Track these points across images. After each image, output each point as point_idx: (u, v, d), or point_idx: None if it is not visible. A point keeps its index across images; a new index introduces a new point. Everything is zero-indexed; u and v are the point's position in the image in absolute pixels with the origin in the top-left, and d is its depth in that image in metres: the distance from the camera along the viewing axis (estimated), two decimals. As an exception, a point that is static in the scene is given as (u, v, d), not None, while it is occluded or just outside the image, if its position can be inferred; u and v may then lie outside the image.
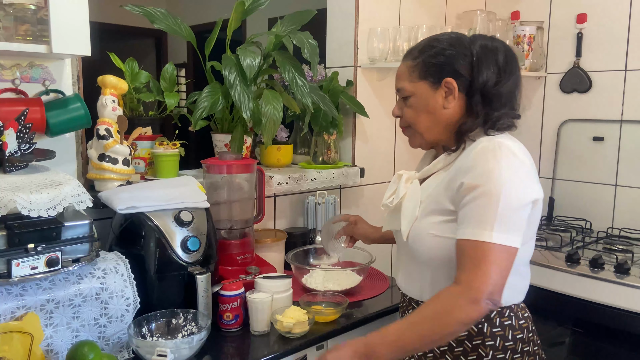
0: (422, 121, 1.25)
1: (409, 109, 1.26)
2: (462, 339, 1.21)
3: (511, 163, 1.10)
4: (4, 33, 1.32)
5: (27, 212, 1.10)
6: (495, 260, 1.06)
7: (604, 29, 2.37)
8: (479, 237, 1.07)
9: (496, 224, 1.07)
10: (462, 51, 1.20)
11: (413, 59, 1.24)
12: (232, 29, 1.78)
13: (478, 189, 1.09)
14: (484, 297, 1.04)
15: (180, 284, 1.39)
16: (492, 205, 1.07)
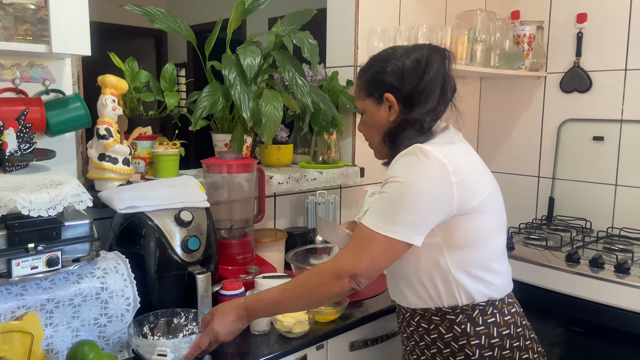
0: (373, 136, 1.34)
1: (363, 125, 1.35)
2: (448, 340, 1.24)
3: (422, 165, 1.15)
4: (4, 33, 1.32)
5: (27, 212, 1.10)
6: (372, 247, 1.15)
7: (604, 28, 2.37)
8: (368, 224, 1.16)
9: (388, 216, 1.14)
10: (395, 65, 1.26)
11: (359, 78, 1.33)
12: (232, 28, 1.78)
13: (387, 185, 1.18)
14: (347, 275, 1.14)
15: (180, 283, 1.39)
16: (391, 199, 1.15)
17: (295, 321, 1.40)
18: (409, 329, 1.32)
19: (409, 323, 1.31)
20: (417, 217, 1.14)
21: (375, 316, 1.59)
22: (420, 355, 1.30)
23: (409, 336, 1.33)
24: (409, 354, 1.34)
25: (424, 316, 1.27)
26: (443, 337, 1.25)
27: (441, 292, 1.23)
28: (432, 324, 1.26)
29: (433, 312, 1.26)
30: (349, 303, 1.56)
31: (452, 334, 1.24)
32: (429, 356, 1.28)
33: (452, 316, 1.24)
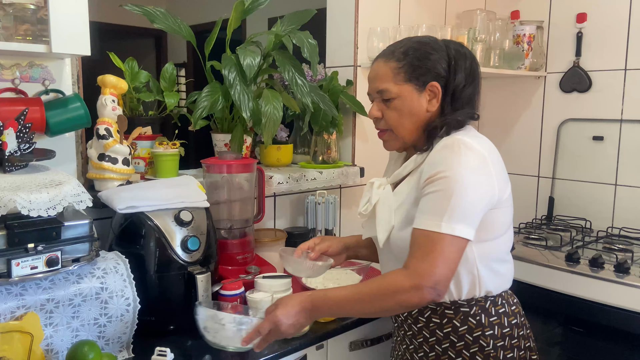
0: (405, 124, 1.26)
1: (393, 111, 1.26)
2: (463, 332, 1.24)
3: (467, 158, 1.14)
4: (4, 33, 1.32)
5: (27, 212, 1.10)
6: (443, 250, 1.10)
7: (603, 28, 2.37)
8: (430, 227, 1.12)
9: (446, 215, 1.11)
10: (442, 55, 1.25)
11: (397, 60, 1.24)
12: (232, 28, 1.78)
13: (435, 182, 1.14)
14: (428, 285, 1.09)
15: (180, 283, 1.39)
16: (445, 198, 1.12)
17: (295, 321, 1.40)
18: (416, 326, 1.29)
19: (417, 320, 1.29)
20: (472, 211, 1.13)
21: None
22: (429, 351, 1.27)
23: (415, 334, 1.30)
24: (413, 352, 1.31)
25: (435, 311, 1.26)
26: (457, 330, 1.24)
27: (463, 285, 1.22)
28: (445, 318, 1.25)
29: (447, 306, 1.25)
30: (348, 303, 1.56)
31: (467, 326, 1.23)
32: (440, 351, 1.26)
33: (467, 308, 1.24)
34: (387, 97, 1.25)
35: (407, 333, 1.34)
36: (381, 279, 1.16)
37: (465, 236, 1.12)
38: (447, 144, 1.18)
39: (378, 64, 1.27)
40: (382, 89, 1.25)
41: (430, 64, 1.23)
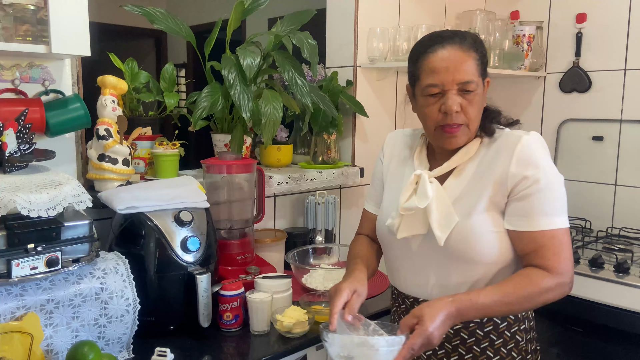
0: (478, 119, 1.22)
1: (473, 105, 1.18)
2: (502, 329, 1.24)
3: (546, 153, 1.19)
4: (4, 33, 1.33)
5: (27, 212, 1.10)
6: (568, 243, 1.16)
7: (603, 28, 2.37)
8: (553, 226, 1.15)
9: (561, 211, 1.16)
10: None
11: (475, 50, 1.18)
12: (232, 29, 1.78)
13: (540, 182, 1.14)
14: (568, 281, 1.15)
15: (180, 283, 1.39)
16: (554, 195, 1.16)
17: (295, 321, 1.40)
18: (453, 328, 1.24)
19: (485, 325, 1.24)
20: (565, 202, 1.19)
21: (375, 316, 1.59)
22: (465, 353, 1.24)
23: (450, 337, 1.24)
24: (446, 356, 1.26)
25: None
26: (498, 327, 1.23)
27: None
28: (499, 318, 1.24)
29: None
30: (348, 303, 1.56)
31: (507, 322, 1.24)
32: (478, 352, 1.23)
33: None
34: (470, 89, 1.17)
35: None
36: (525, 281, 1.14)
37: (569, 226, 1.18)
38: (534, 141, 1.17)
39: (456, 53, 1.16)
40: (468, 80, 1.16)
41: (487, 57, 1.22)
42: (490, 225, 1.17)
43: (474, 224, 1.17)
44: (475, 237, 1.17)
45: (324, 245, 1.95)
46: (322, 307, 1.55)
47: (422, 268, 1.26)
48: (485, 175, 1.19)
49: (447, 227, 1.18)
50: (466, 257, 1.19)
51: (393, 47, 2.15)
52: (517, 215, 1.16)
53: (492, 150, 1.21)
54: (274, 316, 1.42)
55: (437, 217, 1.19)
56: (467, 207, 1.19)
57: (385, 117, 2.33)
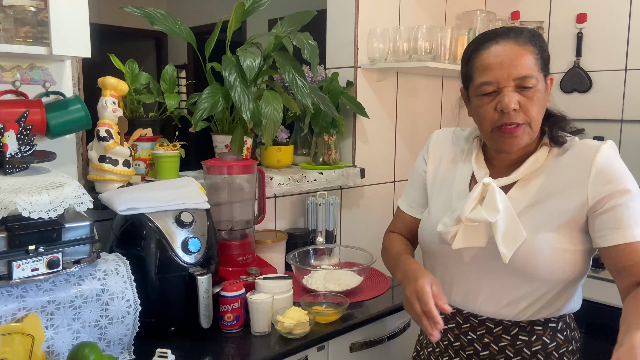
0: (540, 118, 1.13)
1: (534, 103, 1.10)
2: (551, 350, 1.17)
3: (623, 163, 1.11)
4: (5, 35, 1.33)
5: (28, 214, 1.10)
6: None
7: (604, 28, 2.37)
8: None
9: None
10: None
11: (533, 44, 1.10)
12: (232, 30, 1.78)
13: (626, 192, 1.06)
14: None
15: (180, 285, 1.39)
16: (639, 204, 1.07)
17: (296, 322, 1.40)
18: (498, 345, 1.17)
19: (500, 338, 1.18)
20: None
21: (376, 317, 1.59)
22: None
23: (494, 354, 1.18)
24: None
25: (524, 328, 1.17)
26: (547, 347, 1.17)
27: (569, 299, 1.18)
28: (534, 335, 1.17)
29: (538, 323, 1.17)
30: (349, 304, 1.56)
31: (556, 342, 1.17)
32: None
33: (554, 324, 1.18)
34: (529, 85, 1.08)
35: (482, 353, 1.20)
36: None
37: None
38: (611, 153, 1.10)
39: (511, 47, 1.09)
40: (526, 75, 1.07)
41: (548, 54, 1.13)
42: (558, 242, 1.10)
43: (541, 242, 1.10)
44: (541, 255, 1.10)
45: (324, 246, 1.95)
46: (323, 308, 1.55)
47: (475, 281, 1.19)
48: (557, 188, 1.11)
49: (513, 243, 1.10)
50: (528, 275, 1.12)
51: (393, 48, 2.15)
52: (607, 229, 1.08)
53: (565, 161, 1.13)
54: (275, 317, 1.42)
55: (503, 232, 1.10)
56: (534, 222, 1.11)
57: (385, 117, 2.33)
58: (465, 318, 1.22)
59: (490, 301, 1.17)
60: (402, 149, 2.42)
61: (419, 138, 2.50)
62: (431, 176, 1.31)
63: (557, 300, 1.15)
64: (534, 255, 1.10)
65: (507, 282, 1.15)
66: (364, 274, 1.76)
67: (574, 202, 1.09)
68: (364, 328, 1.56)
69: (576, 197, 1.09)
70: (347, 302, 1.56)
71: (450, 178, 1.27)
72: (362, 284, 1.74)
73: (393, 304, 1.65)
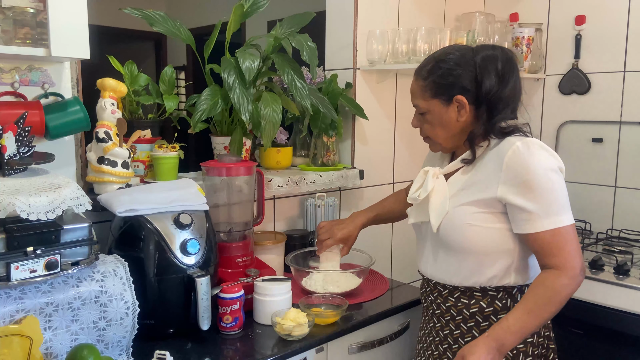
0: (438, 133, 1.38)
1: (426, 123, 1.39)
2: (488, 313, 1.34)
3: (544, 155, 1.25)
4: (3, 36, 1.32)
5: (26, 215, 1.10)
6: (572, 238, 1.24)
7: (602, 30, 2.37)
8: (554, 225, 1.23)
9: (561, 209, 1.24)
10: (467, 68, 1.31)
11: (423, 79, 1.36)
12: (231, 31, 1.78)
13: (531, 185, 1.22)
14: (578, 272, 1.23)
15: (179, 286, 1.39)
16: (551, 196, 1.23)
17: (295, 324, 1.40)
18: (445, 305, 1.39)
19: (446, 299, 1.39)
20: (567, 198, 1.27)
21: (374, 319, 1.59)
22: (454, 329, 1.38)
23: (443, 312, 1.40)
24: (440, 330, 1.41)
25: (465, 292, 1.36)
26: (483, 310, 1.34)
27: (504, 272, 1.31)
28: (474, 299, 1.35)
29: (476, 290, 1.34)
30: (348, 306, 1.56)
31: (493, 308, 1.34)
32: (465, 329, 1.36)
33: (493, 292, 1.33)
34: (420, 112, 1.38)
35: (436, 311, 1.42)
36: (540, 288, 1.23)
37: (573, 221, 1.25)
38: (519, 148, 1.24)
39: (413, 81, 1.40)
40: (415, 104, 1.39)
41: (452, 79, 1.31)
42: (471, 219, 1.29)
43: (455, 217, 1.31)
44: (456, 227, 1.31)
45: (323, 248, 1.94)
46: (322, 310, 1.55)
47: (426, 251, 1.43)
48: (479, 178, 1.31)
49: (439, 216, 1.33)
50: (450, 244, 1.33)
51: (392, 50, 2.15)
52: (519, 220, 1.26)
53: (492, 155, 1.30)
54: (274, 319, 1.42)
55: (433, 207, 1.34)
56: (457, 201, 1.32)
57: (384, 119, 2.33)
58: (426, 282, 1.46)
59: (435, 267, 1.41)
60: (401, 150, 2.43)
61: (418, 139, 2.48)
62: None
63: (483, 271, 1.32)
64: (451, 227, 1.32)
65: (442, 251, 1.37)
66: (363, 276, 1.76)
67: (490, 191, 1.28)
68: (363, 330, 1.56)
69: (492, 187, 1.27)
70: (346, 303, 1.56)
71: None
72: (361, 285, 1.74)
73: (392, 305, 1.65)
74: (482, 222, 1.29)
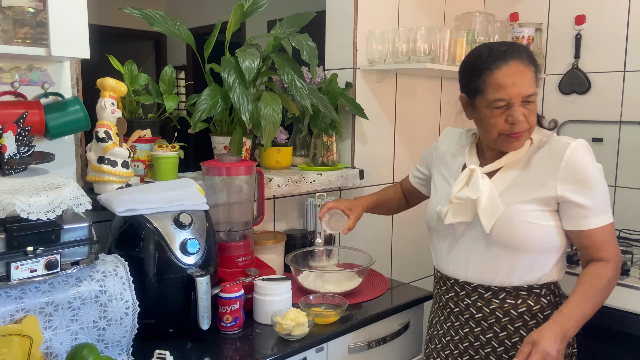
0: (534, 123, 1.34)
1: (532, 114, 1.32)
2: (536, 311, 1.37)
3: (593, 155, 1.33)
4: (3, 36, 1.32)
5: (26, 215, 1.10)
6: (614, 236, 1.35)
7: (602, 30, 2.37)
8: (606, 222, 1.31)
9: (609, 206, 1.33)
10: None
11: (534, 64, 1.32)
12: (231, 31, 1.78)
13: (591, 185, 1.29)
14: (620, 266, 1.34)
15: (179, 286, 1.39)
16: (601, 196, 1.31)
17: (295, 323, 1.40)
18: (489, 307, 1.38)
19: (489, 301, 1.38)
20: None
21: (374, 319, 1.59)
22: (499, 331, 1.38)
23: (486, 315, 1.39)
24: (481, 333, 1.40)
25: (510, 293, 1.37)
26: (531, 309, 1.37)
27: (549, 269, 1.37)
28: (520, 299, 1.37)
29: (523, 289, 1.37)
30: (348, 305, 1.56)
31: (540, 305, 1.37)
32: (512, 330, 1.37)
33: (538, 290, 1.37)
34: (532, 100, 1.31)
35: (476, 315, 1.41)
36: (595, 278, 1.31)
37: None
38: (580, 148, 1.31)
39: (518, 67, 1.29)
40: (532, 92, 1.30)
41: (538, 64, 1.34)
42: (528, 217, 1.31)
43: (513, 215, 1.31)
44: (514, 226, 1.31)
45: (323, 248, 1.95)
46: (322, 310, 1.55)
47: (464, 253, 1.41)
48: (532, 176, 1.33)
49: (493, 216, 1.32)
50: (505, 244, 1.33)
51: (392, 49, 2.15)
52: (573, 217, 1.31)
53: (542, 154, 1.34)
54: (274, 318, 1.42)
55: (485, 207, 1.33)
56: (510, 200, 1.33)
57: (384, 119, 2.33)
58: (461, 286, 1.43)
59: (477, 269, 1.39)
60: (401, 150, 2.43)
61: (418, 139, 2.50)
62: (435, 164, 1.57)
63: (536, 269, 1.35)
64: (508, 226, 1.32)
65: (490, 251, 1.36)
66: (363, 276, 1.76)
67: (547, 189, 1.31)
68: (363, 329, 1.56)
69: (549, 185, 1.31)
70: (346, 303, 1.56)
71: (449, 168, 1.50)
72: (361, 285, 1.74)
73: (392, 305, 1.65)
74: (540, 219, 1.31)
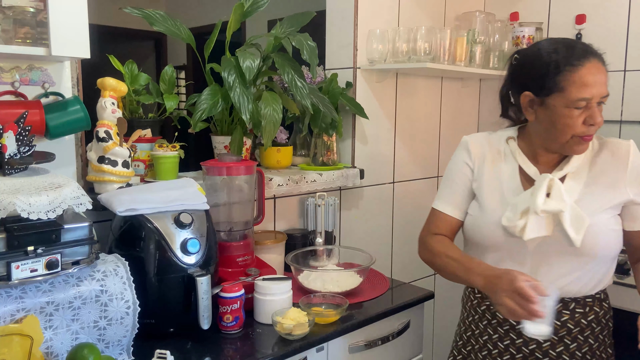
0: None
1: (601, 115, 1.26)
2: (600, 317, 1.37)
3: None
4: (4, 36, 1.33)
5: (27, 215, 1.10)
6: None
7: (603, 29, 2.37)
8: None
9: None
10: None
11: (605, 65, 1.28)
12: (232, 30, 1.78)
13: None
14: None
15: (180, 286, 1.39)
16: None
17: (295, 323, 1.40)
18: (560, 320, 1.32)
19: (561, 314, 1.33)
20: None
21: (375, 318, 1.59)
22: (570, 343, 1.34)
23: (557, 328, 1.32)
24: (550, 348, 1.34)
25: (579, 302, 1.34)
26: (598, 315, 1.36)
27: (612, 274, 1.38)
28: (587, 307, 1.34)
29: (589, 297, 1.34)
30: (348, 305, 1.56)
31: (603, 310, 1.38)
32: (582, 340, 1.35)
33: (599, 295, 1.37)
34: (605, 102, 1.26)
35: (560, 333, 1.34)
36: None
37: None
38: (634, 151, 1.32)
39: (599, 67, 1.24)
40: (608, 93, 1.25)
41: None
42: (610, 224, 1.29)
43: (600, 224, 1.27)
44: (602, 236, 1.28)
45: (324, 247, 1.95)
46: (322, 309, 1.55)
47: (536, 267, 1.32)
48: (601, 180, 1.30)
49: (582, 228, 1.25)
50: (591, 254, 1.28)
51: (392, 49, 2.15)
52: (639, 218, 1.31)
53: (605, 156, 1.32)
54: (274, 318, 1.42)
55: (570, 219, 1.25)
56: (589, 208, 1.27)
57: (385, 118, 2.33)
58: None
59: (557, 284, 1.29)
60: (402, 149, 2.43)
61: (418, 139, 2.50)
62: (478, 178, 1.42)
63: (605, 275, 1.35)
64: (598, 236, 1.27)
65: (568, 264, 1.30)
66: (363, 275, 1.76)
67: (619, 193, 1.29)
68: (364, 329, 1.56)
69: (619, 189, 1.29)
70: (347, 303, 1.56)
71: (496, 177, 1.39)
72: (361, 285, 1.74)
73: (392, 304, 1.65)
74: (617, 225, 1.31)
